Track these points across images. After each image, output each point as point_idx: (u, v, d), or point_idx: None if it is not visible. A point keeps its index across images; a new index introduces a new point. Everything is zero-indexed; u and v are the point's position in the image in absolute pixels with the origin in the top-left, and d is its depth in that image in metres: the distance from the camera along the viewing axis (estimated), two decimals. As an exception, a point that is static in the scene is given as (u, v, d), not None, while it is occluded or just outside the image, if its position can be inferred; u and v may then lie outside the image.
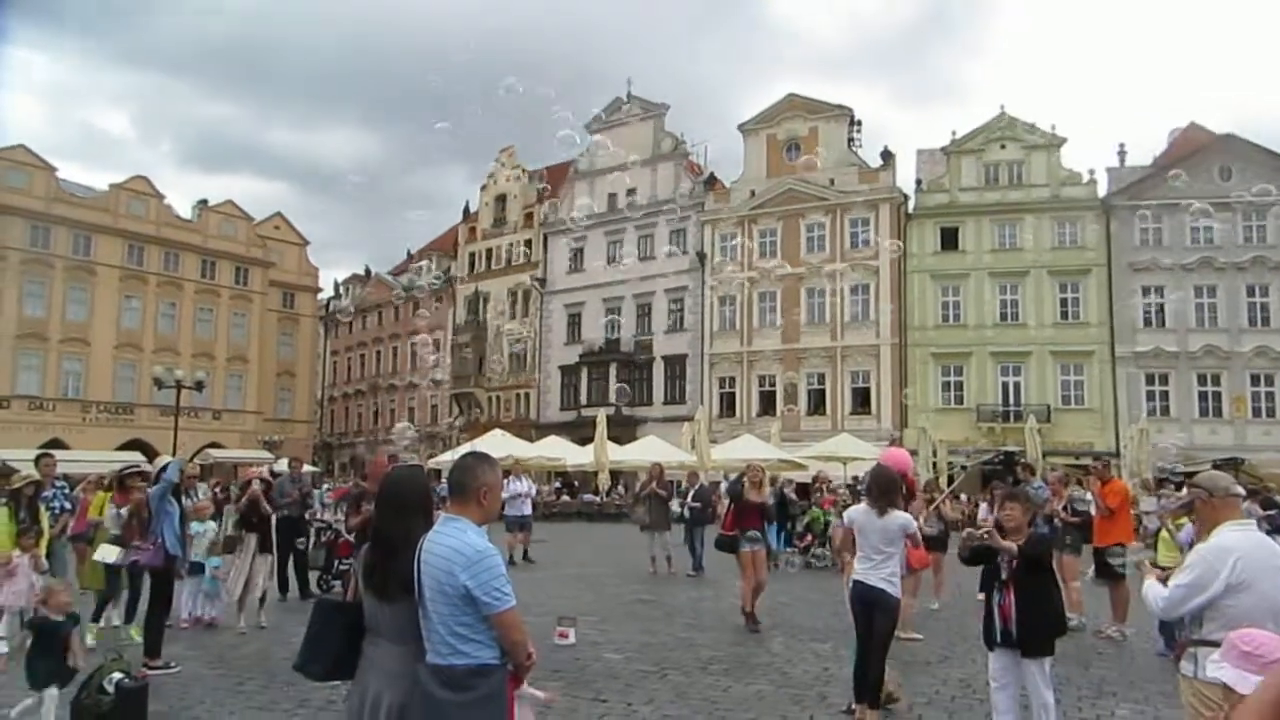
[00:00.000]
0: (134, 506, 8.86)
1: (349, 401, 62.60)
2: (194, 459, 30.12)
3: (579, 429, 39.12)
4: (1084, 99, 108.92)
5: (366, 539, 3.65)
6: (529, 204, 52.11)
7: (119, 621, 9.54)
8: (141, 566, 7.85)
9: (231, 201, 53.24)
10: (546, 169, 52.16)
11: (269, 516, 10.35)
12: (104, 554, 8.82)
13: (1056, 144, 38.63)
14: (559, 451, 34.12)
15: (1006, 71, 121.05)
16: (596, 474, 30.62)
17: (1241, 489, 4.26)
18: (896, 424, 37.17)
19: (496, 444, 28.60)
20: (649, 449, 30.87)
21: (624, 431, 38.79)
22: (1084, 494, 11.11)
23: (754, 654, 8.61)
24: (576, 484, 37.41)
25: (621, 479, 35.55)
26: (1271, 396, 35.01)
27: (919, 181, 40.73)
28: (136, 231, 47.36)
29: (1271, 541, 3.90)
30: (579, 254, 48.36)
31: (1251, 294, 35.76)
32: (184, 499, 9.03)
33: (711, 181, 45.66)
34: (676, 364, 43.98)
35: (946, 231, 39.23)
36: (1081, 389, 36.94)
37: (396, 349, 58.74)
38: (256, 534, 10.08)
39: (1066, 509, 10.64)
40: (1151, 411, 34.48)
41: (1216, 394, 35.60)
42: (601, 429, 29.94)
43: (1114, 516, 10.06)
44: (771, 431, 33.14)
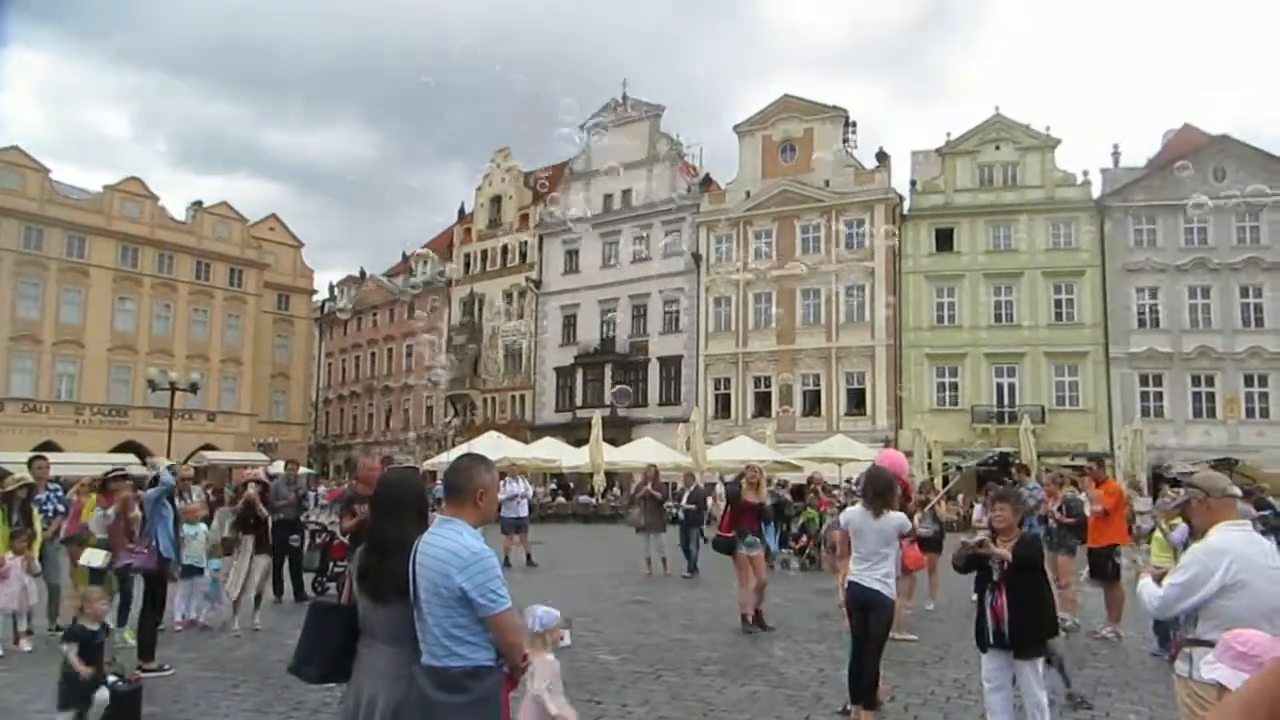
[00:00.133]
0: (120, 508, 8.84)
1: (344, 403, 62.50)
2: (188, 461, 30.07)
3: (574, 430, 39.11)
4: (1078, 100, 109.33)
5: (360, 542, 3.65)
6: (524, 205, 52.09)
7: (111, 625, 9.52)
8: (135, 569, 7.83)
9: (226, 203, 53.12)
10: (541, 170, 52.16)
11: (266, 519, 10.33)
12: (90, 558, 8.78)
13: (1051, 145, 38.71)
14: (554, 453, 34.12)
15: (1001, 73, 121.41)
16: (592, 475, 30.65)
17: (1238, 490, 4.27)
18: (891, 425, 37.24)
19: (492, 446, 28.58)
20: (644, 450, 30.86)
21: (619, 433, 38.78)
22: (1079, 495, 11.12)
23: (749, 655, 8.60)
24: (572, 486, 37.41)
25: (617, 481, 35.57)
26: (1265, 397, 35.08)
27: (914, 183, 40.78)
28: (130, 233, 47.23)
29: (1266, 542, 3.91)
30: (574, 255, 48.35)
31: (1245, 295, 35.85)
32: (177, 501, 9.01)
33: (707, 183, 45.71)
34: (672, 365, 43.98)
35: (941, 233, 39.28)
36: (1076, 390, 37.01)
37: (391, 350, 58.67)
38: (253, 536, 10.07)
39: (1061, 510, 10.66)
40: (1145, 412, 34.63)
41: (1210, 395, 35.68)
42: (597, 430, 29.98)
43: (1109, 517, 10.09)
44: (767, 433, 33.18)
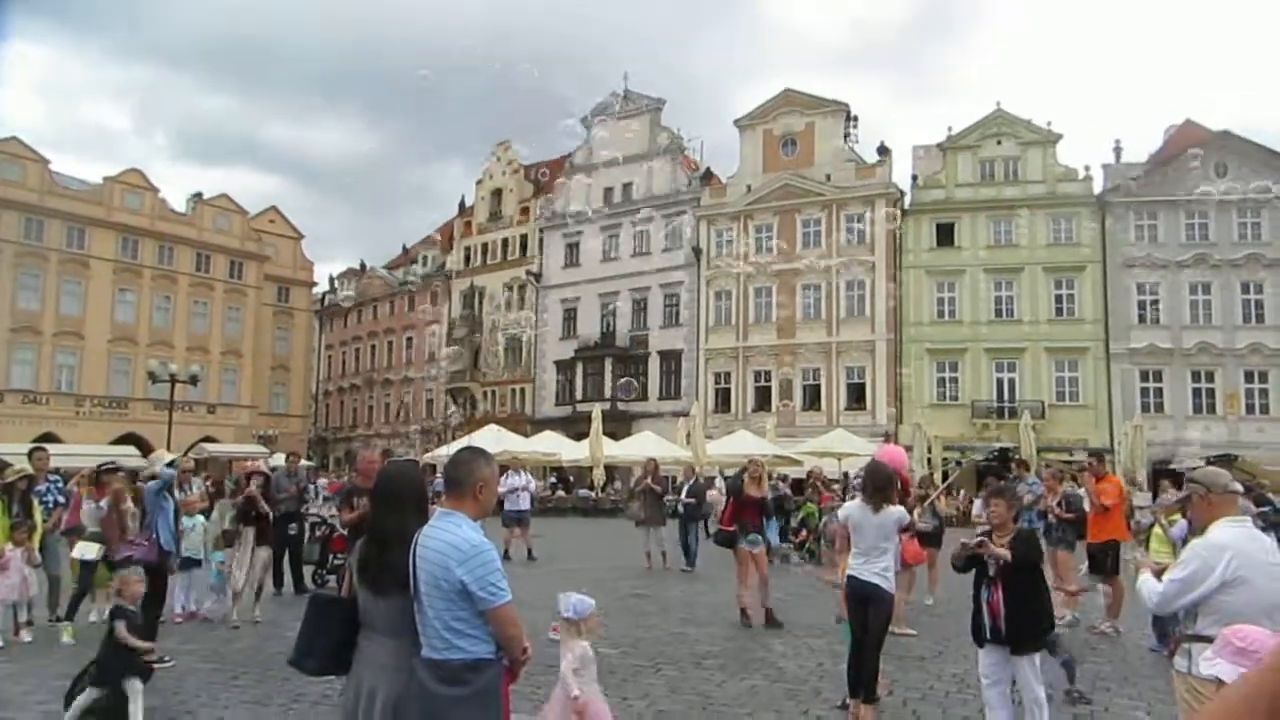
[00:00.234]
0: (112, 500, 8.85)
1: (344, 396, 62.50)
2: (188, 453, 30.09)
3: (574, 424, 39.11)
4: (1080, 96, 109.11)
5: (361, 535, 3.65)
6: (525, 198, 52.03)
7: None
8: (136, 562, 7.83)
9: (226, 195, 53.08)
10: (542, 164, 52.08)
11: (268, 515, 10.32)
12: (82, 550, 8.77)
13: (1052, 140, 38.63)
14: (554, 447, 34.11)
15: (1003, 68, 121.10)
16: (592, 469, 30.66)
17: (1239, 486, 4.27)
18: (892, 420, 37.24)
19: (492, 439, 28.60)
20: (644, 444, 30.90)
21: (619, 427, 38.80)
22: (1078, 490, 11.13)
23: (748, 649, 8.61)
24: (572, 479, 37.44)
25: (617, 474, 35.60)
26: (1265, 393, 35.09)
27: (915, 177, 40.73)
28: (131, 225, 47.16)
29: (1266, 538, 3.91)
30: (575, 248, 48.30)
31: (1246, 291, 35.82)
32: (176, 493, 9.01)
33: (708, 177, 45.65)
34: (672, 359, 43.97)
35: (942, 227, 39.23)
36: (1076, 385, 37.00)
37: (391, 343, 58.65)
38: (254, 528, 10.08)
39: (1061, 505, 10.67)
40: (1146, 408, 34.64)
41: (1210, 391, 35.69)
42: (597, 424, 29.99)
43: (1108, 513, 10.10)
44: (767, 427, 33.18)
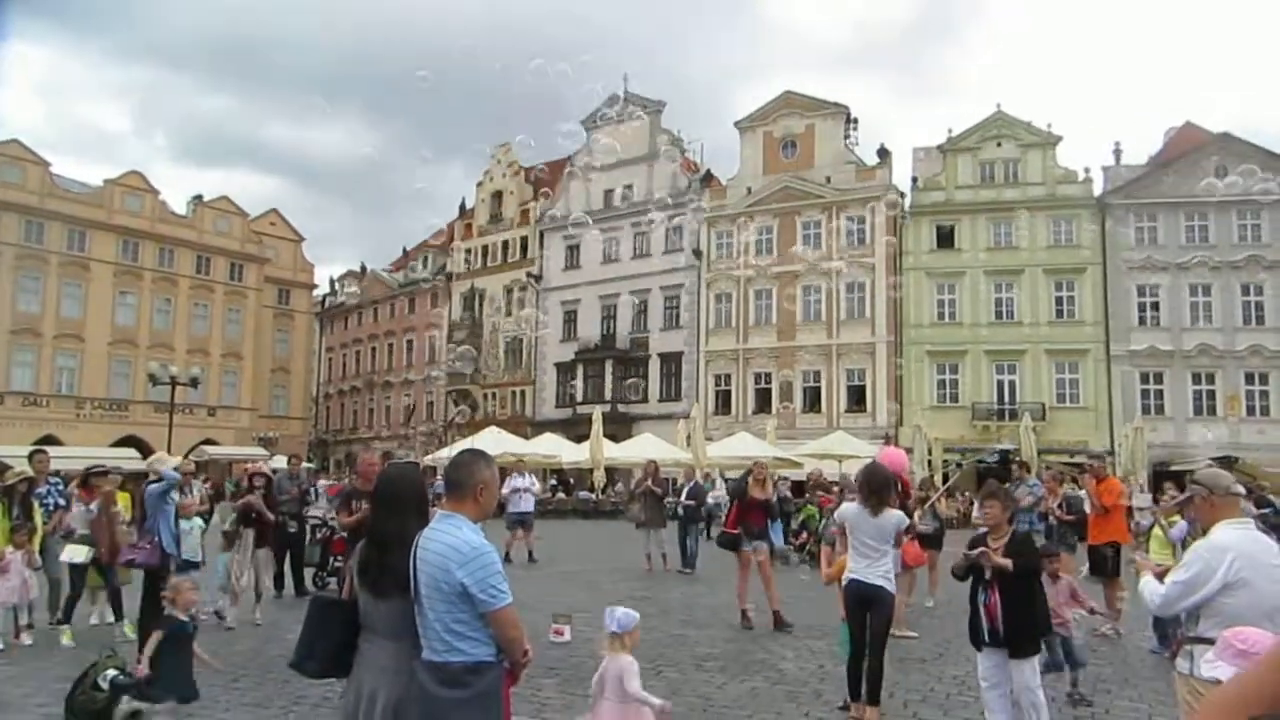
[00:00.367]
0: (102, 503, 8.84)
1: (344, 398, 62.47)
2: (188, 456, 30.08)
3: (575, 426, 39.10)
4: (1080, 97, 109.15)
5: (361, 537, 3.64)
6: (525, 201, 52.04)
7: (111, 619, 9.52)
8: (139, 565, 7.82)
9: (227, 197, 53.13)
10: (542, 166, 52.02)
11: (272, 523, 10.32)
12: (71, 554, 8.73)
13: (1052, 142, 38.65)
14: (555, 449, 34.10)
15: (1002, 70, 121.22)
16: (592, 471, 30.64)
17: (1242, 488, 4.26)
18: (892, 422, 37.23)
19: (492, 441, 28.62)
20: (644, 446, 30.86)
21: (620, 429, 38.79)
22: (1079, 492, 11.13)
23: (749, 651, 8.60)
24: (572, 481, 37.42)
25: (617, 476, 35.58)
26: (1266, 395, 35.07)
27: (915, 179, 40.76)
28: (131, 227, 47.21)
29: (1268, 540, 3.90)
30: (575, 250, 48.30)
31: (1246, 292, 35.83)
32: (176, 496, 9.00)
33: (708, 179, 45.65)
34: (672, 361, 43.96)
35: (942, 229, 39.25)
36: (1076, 387, 36.99)
37: (392, 345, 58.64)
38: (254, 530, 10.07)
39: (1062, 507, 10.67)
40: (1146, 410, 34.61)
41: (1211, 392, 35.68)
42: (597, 426, 29.98)
43: (1109, 514, 10.10)
44: (767, 429, 33.16)
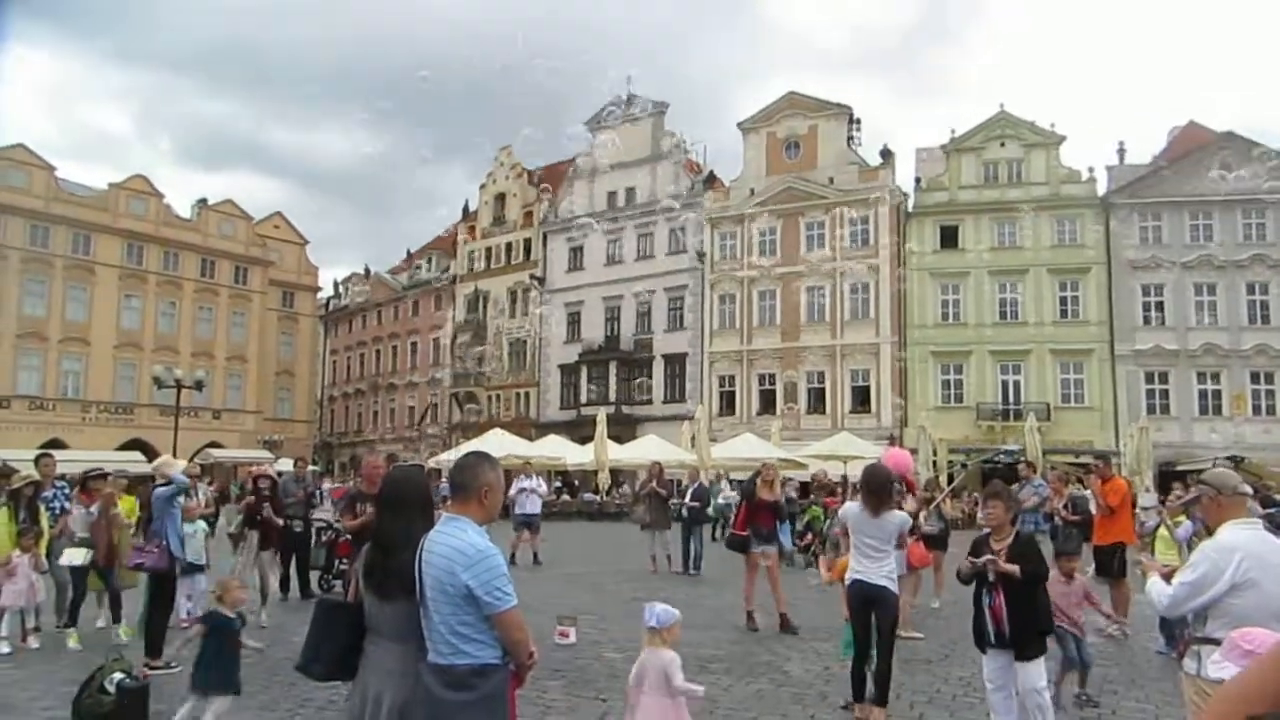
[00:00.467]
0: (102, 505, 8.86)
1: (348, 401, 62.57)
2: (194, 459, 30.13)
3: (579, 428, 39.12)
4: (1083, 97, 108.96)
5: (365, 540, 3.65)
6: (528, 202, 52.09)
7: (113, 623, 9.53)
8: (147, 569, 7.82)
9: (231, 201, 53.24)
10: (545, 168, 52.12)
11: (279, 526, 10.36)
12: (70, 557, 8.73)
13: (1056, 142, 38.60)
14: (559, 451, 34.13)
15: (1006, 69, 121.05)
16: (596, 473, 30.66)
17: (1249, 488, 4.25)
18: (897, 422, 37.18)
19: (496, 444, 28.63)
20: (649, 448, 30.89)
21: (624, 430, 38.80)
22: (1084, 492, 11.10)
23: (754, 653, 8.59)
24: (577, 483, 37.41)
25: (621, 478, 35.57)
26: (1271, 394, 34.98)
27: (918, 180, 40.72)
28: (136, 231, 47.34)
29: (1276, 540, 3.89)
30: (578, 252, 48.34)
31: (1251, 292, 35.75)
32: (181, 499, 9.02)
33: (711, 180, 45.65)
34: (676, 362, 43.95)
35: (946, 230, 39.21)
36: (1081, 387, 36.93)
37: (396, 348, 58.71)
38: (258, 532, 10.09)
39: (1067, 507, 10.65)
40: (1151, 410, 34.52)
41: (1216, 392, 35.60)
42: (601, 428, 29.99)
43: (1115, 515, 10.07)
44: (771, 430, 33.18)
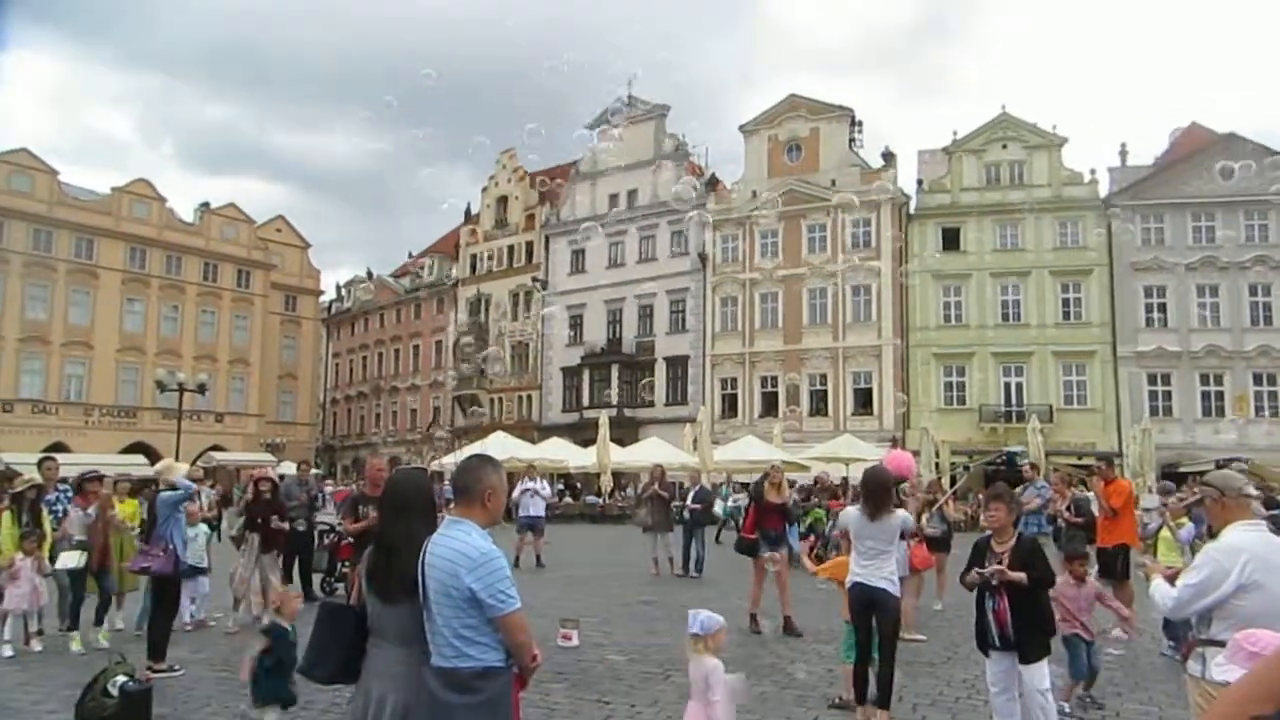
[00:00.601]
0: (99, 508, 8.87)
1: (351, 404, 62.62)
2: (196, 462, 30.13)
3: (581, 431, 39.12)
4: (1085, 99, 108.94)
5: (368, 543, 3.65)
6: (530, 206, 52.12)
7: (119, 625, 9.55)
8: (154, 573, 7.82)
9: (233, 204, 53.26)
10: (547, 171, 52.08)
11: (284, 531, 10.36)
12: (66, 560, 8.72)
13: (1058, 144, 38.59)
14: (561, 453, 34.16)
15: (1007, 71, 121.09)
16: (599, 475, 30.68)
17: (1254, 489, 4.24)
18: (899, 425, 37.15)
19: (498, 446, 28.64)
20: (651, 450, 30.90)
21: (626, 433, 38.79)
22: (1087, 494, 11.09)
23: (757, 655, 8.58)
24: (579, 485, 37.42)
25: (624, 481, 35.56)
26: (1274, 396, 34.94)
27: (920, 182, 40.72)
28: (139, 235, 47.41)
29: (1283, 541, 3.88)
30: (580, 255, 48.36)
31: (1254, 293, 35.73)
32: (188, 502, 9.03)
33: (713, 182, 45.66)
34: (678, 365, 43.94)
35: (948, 232, 39.19)
36: (1084, 389, 36.89)
37: (398, 351, 58.76)
38: (259, 534, 10.09)
39: (1070, 509, 10.63)
40: (1154, 411, 34.51)
41: (1219, 393, 35.56)
42: (604, 430, 30.02)
43: (1118, 517, 10.04)
44: (774, 432, 33.19)
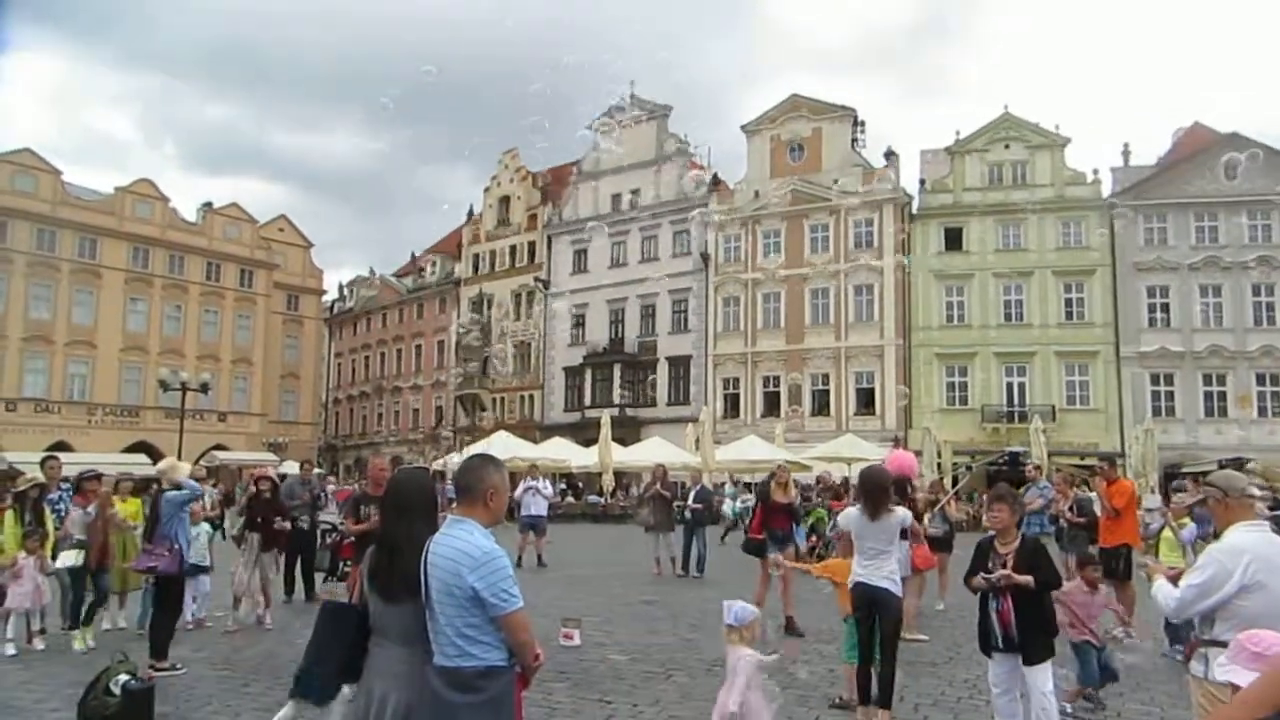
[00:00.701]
0: (99, 506, 8.88)
1: (353, 403, 62.68)
2: (199, 461, 30.17)
3: (583, 430, 39.13)
4: (1087, 99, 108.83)
5: (369, 543, 3.65)
6: (532, 205, 52.13)
7: (122, 624, 9.56)
8: (161, 573, 7.82)
9: (236, 204, 53.35)
10: (549, 170, 52.13)
11: (286, 531, 10.41)
12: (64, 559, 8.74)
13: (1060, 144, 38.53)
14: (564, 453, 34.18)
15: (1010, 71, 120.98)
16: (601, 475, 30.70)
17: (1256, 490, 4.24)
18: (901, 425, 37.14)
19: (501, 446, 28.67)
20: (653, 450, 30.90)
21: (628, 433, 38.79)
22: (1090, 494, 11.07)
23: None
24: (581, 485, 37.45)
25: (626, 480, 35.59)
26: (1277, 396, 34.90)
27: (923, 181, 40.68)
28: (142, 234, 47.49)
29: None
30: (583, 255, 48.37)
31: (1257, 293, 35.68)
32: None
33: (715, 182, 45.66)
34: (680, 365, 43.94)
35: (950, 232, 39.16)
36: (1086, 389, 36.85)
37: (401, 351, 58.80)
38: (258, 534, 10.11)
39: (1072, 510, 10.62)
40: (1157, 411, 34.46)
41: (1222, 394, 35.52)
42: (606, 430, 30.02)
43: (1120, 517, 10.03)
44: (776, 432, 33.19)
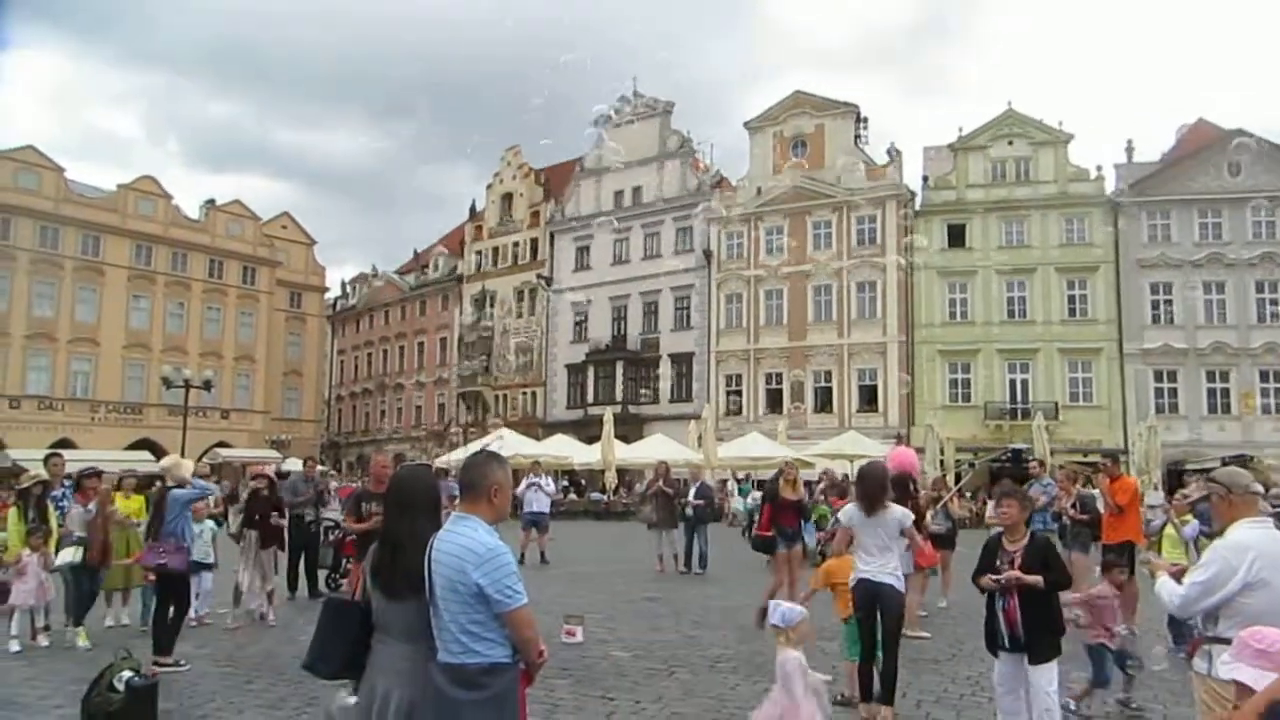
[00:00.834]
0: (99, 504, 8.90)
1: (356, 400, 62.73)
2: (202, 458, 30.25)
3: (586, 428, 39.13)
4: (1091, 95, 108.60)
5: (371, 541, 3.65)
6: (535, 202, 52.11)
7: (125, 621, 9.58)
8: (170, 570, 7.84)
9: (239, 201, 53.42)
10: (552, 168, 52.11)
11: (283, 526, 10.48)
12: (63, 556, 8.75)
13: (1064, 140, 38.45)
14: (566, 450, 34.18)
15: (1013, 68, 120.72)
16: (603, 472, 30.67)
17: (1260, 487, 4.23)
18: (903, 421, 37.11)
19: (503, 443, 28.68)
20: (656, 447, 30.92)
21: (631, 430, 38.79)
22: (1093, 491, 11.05)
23: (761, 652, 8.57)
24: (584, 482, 37.46)
25: (628, 477, 35.59)
26: (1281, 393, 34.87)
27: (925, 178, 40.62)
28: (144, 232, 47.56)
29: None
30: (585, 252, 48.36)
31: (1260, 290, 35.62)
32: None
33: (718, 179, 45.61)
34: (683, 362, 43.93)
35: (953, 228, 39.10)
36: (1090, 386, 36.80)
37: (403, 348, 58.82)
38: (257, 531, 10.12)
39: (1075, 506, 10.60)
40: (1160, 408, 34.44)
41: (1225, 390, 35.48)
42: (608, 427, 29.98)
43: (1123, 514, 10.01)
44: (778, 429, 33.16)
